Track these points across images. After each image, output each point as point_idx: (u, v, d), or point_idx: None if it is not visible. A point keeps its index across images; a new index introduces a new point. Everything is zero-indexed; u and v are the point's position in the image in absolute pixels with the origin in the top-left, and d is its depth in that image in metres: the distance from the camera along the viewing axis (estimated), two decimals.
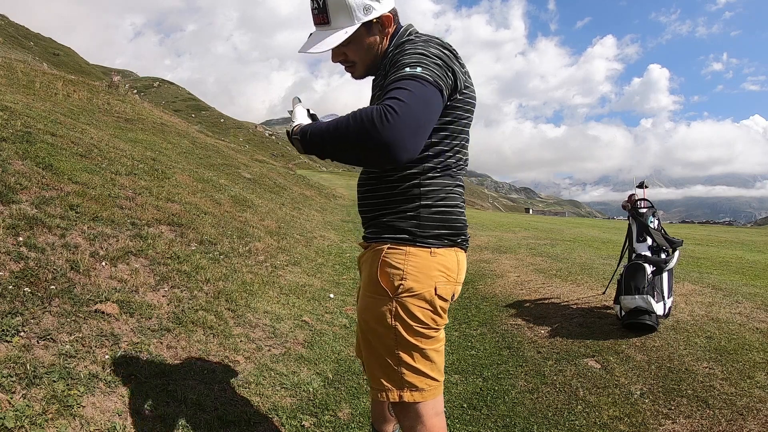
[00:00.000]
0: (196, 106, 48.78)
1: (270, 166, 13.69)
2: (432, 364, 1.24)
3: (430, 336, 1.23)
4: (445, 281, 1.22)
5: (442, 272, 1.21)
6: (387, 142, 0.96)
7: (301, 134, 1.15)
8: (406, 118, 0.96)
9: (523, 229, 10.18)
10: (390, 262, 1.20)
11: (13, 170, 2.97)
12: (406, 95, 0.99)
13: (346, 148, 1.04)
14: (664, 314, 3.01)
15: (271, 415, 2.04)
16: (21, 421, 1.46)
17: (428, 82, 1.04)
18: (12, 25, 36.92)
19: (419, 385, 1.23)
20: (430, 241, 1.20)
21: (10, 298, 1.92)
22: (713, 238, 10.13)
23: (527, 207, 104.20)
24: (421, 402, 1.24)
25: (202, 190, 5.44)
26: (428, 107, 1.03)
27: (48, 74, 10.36)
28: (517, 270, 5.18)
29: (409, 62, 1.08)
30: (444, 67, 1.12)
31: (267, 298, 3.34)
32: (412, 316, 1.19)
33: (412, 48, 1.14)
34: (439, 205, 1.21)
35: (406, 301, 1.19)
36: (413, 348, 1.21)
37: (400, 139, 0.96)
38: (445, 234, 1.22)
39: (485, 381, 2.64)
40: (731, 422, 2.01)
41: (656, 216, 3.43)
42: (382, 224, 1.25)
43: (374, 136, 0.96)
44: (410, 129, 0.98)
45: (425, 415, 1.25)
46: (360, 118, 0.99)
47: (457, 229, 1.25)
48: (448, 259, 1.22)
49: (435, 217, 1.21)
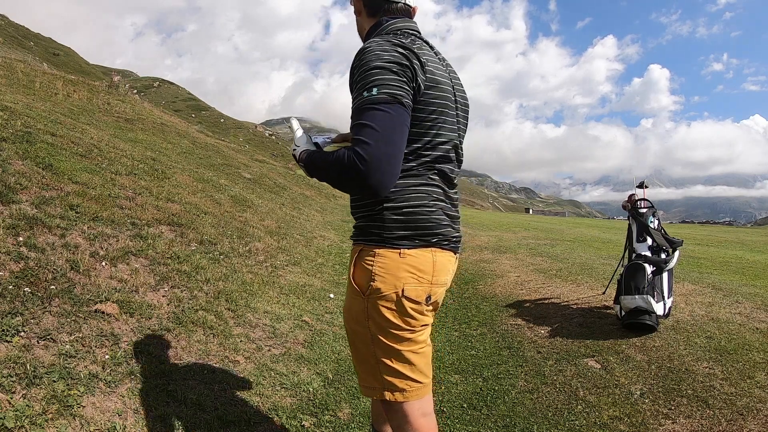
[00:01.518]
0: (196, 106, 48.81)
1: (270, 166, 13.69)
2: (411, 366, 1.23)
3: (405, 338, 1.21)
4: (416, 282, 1.19)
5: (411, 273, 1.19)
6: (367, 185, 1.06)
7: (305, 164, 1.26)
8: (375, 162, 1.04)
9: (523, 229, 10.18)
10: (362, 263, 1.23)
11: (13, 170, 2.97)
12: (370, 134, 1.05)
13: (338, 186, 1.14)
14: (664, 314, 3.01)
15: (271, 415, 2.04)
16: (21, 421, 1.46)
17: (387, 103, 1.07)
18: (12, 25, 36.90)
19: (399, 385, 1.23)
20: (399, 242, 1.19)
21: (10, 298, 1.92)
22: (713, 238, 10.13)
23: (527, 207, 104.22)
24: (405, 402, 1.24)
25: (202, 190, 5.44)
26: (395, 131, 1.08)
27: (48, 74, 10.36)
28: (517, 270, 5.18)
29: (365, 83, 1.11)
30: (401, 74, 1.12)
31: (267, 298, 3.34)
32: (381, 317, 1.20)
33: (366, 58, 1.14)
34: (403, 205, 1.20)
35: (376, 302, 1.20)
36: (388, 349, 1.22)
37: (377, 180, 1.06)
38: (414, 234, 1.20)
39: (485, 381, 2.64)
40: (731, 422, 2.01)
41: (656, 216, 3.43)
42: (358, 227, 1.28)
43: (356, 181, 1.07)
44: (383, 167, 1.05)
45: (411, 415, 1.25)
46: (340, 164, 1.08)
47: (428, 228, 1.21)
48: (420, 260, 1.20)
49: (399, 218, 1.20)
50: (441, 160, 1.24)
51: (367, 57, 1.13)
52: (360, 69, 1.14)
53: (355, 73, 1.16)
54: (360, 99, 1.10)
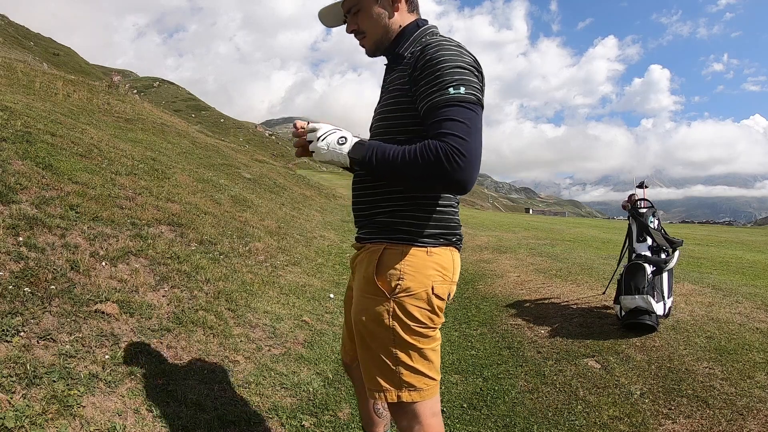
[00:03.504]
0: (196, 106, 48.79)
1: (270, 166, 13.69)
2: (429, 364, 1.25)
3: (428, 335, 1.23)
4: (442, 280, 1.22)
5: (438, 271, 1.21)
6: (458, 181, 1.03)
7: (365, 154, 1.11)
8: (472, 158, 1.03)
9: (523, 229, 10.18)
10: (387, 263, 1.21)
11: (13, 170, 2.97)
12: (465, 131, 1.04)
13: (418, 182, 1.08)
14: (664, 314, 3.01)
15: (271, 415, 2.04)
16: (21, 421, 1.46)
17: (475, 104, 1.08)
18: (12, 25, 36.90)
19: (417, 384, 1.23)
20: (427, 241, 1.21)
21: (10, 298, 1.92)
22: (713, 238, 10.13)
23: (527, 207, 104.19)
24: (419, 402, 1.24)
25: (202, 190, 5.44)
26: (480, 132, 1.08)
27: (48, 74, 10.36)
28: (517, 270, 5.18)
29: (450, 80, 1.08)
30: (479, 78, 1.13)
31: (267, 298, 3.34)
32: (410, 316, 1.20)
33: (447, 55, 1.10)
34: (436, 204, 1.22)
35: (404, 301, 1.19)
36: (411, 347, 1.21)
37: (469, 177, 1.04)
38: (441, 233, 1.23)
39: (485, 381, 2.64)
40: (731, 422, 2.01)
41: (656, 216, 3.43)
42: (379, 224, 1.26)
43: (446, 177, 1.03)
44: (476, 165, 1.05)
45: (422, 414, 1.25)
46: (428, 158, 1.03)
47: (452, 228, 1.25)
48: (444, 258, 1.23)
49: (432, 217, 1.22)
50: None
51: (447, 55, 1.11)
52: (440, 65, 1.10)
53: (428, 66, 1.11)
54: (447, 95, 1.07)
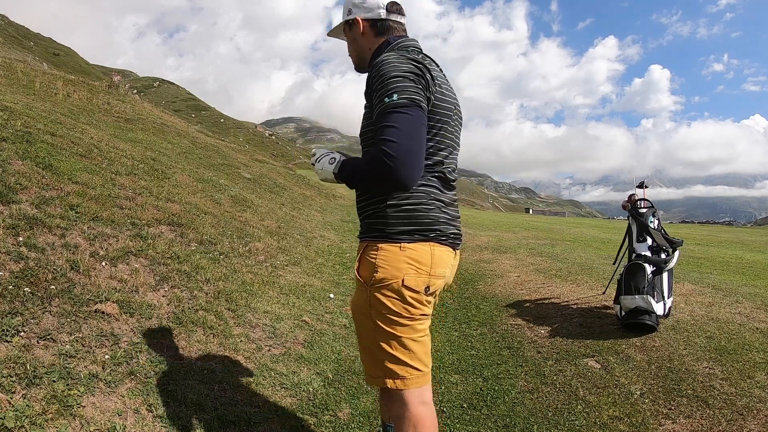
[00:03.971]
0: (196, 106, 48.78)
1: (270, 166, 13.69)
2: (410, 353, 1.33)
3: (404, 324, 1.32)
4: (416, 273, 1.31)
5: (411, 265, 1.30)
6: (395, 180, 1.18)
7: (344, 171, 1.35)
8: (401, 157, 1.17)
9: (523, 229, 10.18)
10: (367, 257, 1.35)
11: (13, 170, 2.97)
12: (395, 134, 1.18)
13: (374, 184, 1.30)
14: (664, 314, 3.01)
15: (271, 415, 2.04)
16: (21, 421, 1.46)
17: (406, 106, 1.21)
18: (12, 25, 36.90)
19: (400, 372, 1.33)
20: (400, 237, 1.32)
21: (10, 298, 1.92)
22: (713, 238, 10.13)
23: (527, 207, 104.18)
24: (405, 390, 1.33)
25: (202, 190, 5.44)
26: (415, 130, 1.21)
27: (48, 74, 10.37)
28: (517, 270, 5.18)
29: (385, 90, 1.23)
30: (417, 82, 1.25)
31: (267, 298, 3.34)
32: (382, 305, 1.31)
33: (385, 69, 1.26)
34: (404, 203, 1.33)
35: (378, 291, 1.31)
36: (390, 336, 1.32)
37: (404, 175, 1.18)
38: (414, 230, 1.32)
39: (485, 381, 2.64)
40: (731, 422, 2.01)
41: (656, 216, 3.42)
42: (364, 224, 1.41)
43: (384, 178, 1.19)
44: (408, 161, 1.18)
45: (411, 403, 1.33)
46: (371, 164, 1.22)
47: (427, 224, 1.33)
48: (419, 253, 1.32)
49: (403, 215, 1.33)
50: (440, 164, 1.37)
51: (386, 68, 1.26)
52: (379, 79, 1.26)
53: (374, 83, 1.28)
54: (382, 105, 1.23)
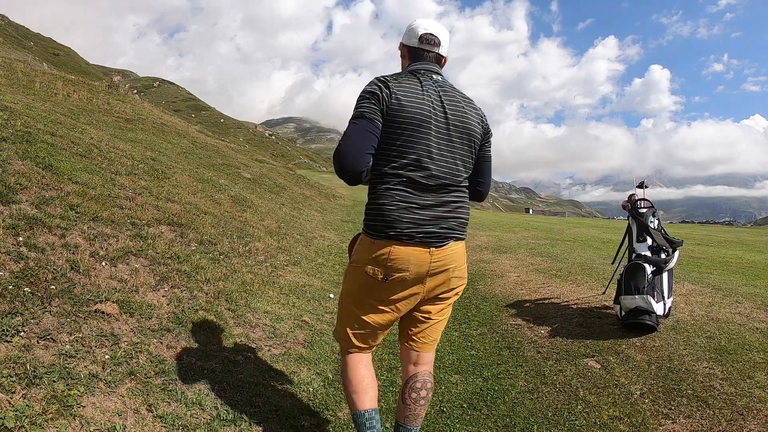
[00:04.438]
0: (196, 106, 48.80)
1: (270, 166, 13.69)
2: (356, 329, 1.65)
3: (360, 303, 1.63)
4: (374, 263, 1.55)
5: (373, 257, 1.55)
6: (339, 169, 1.49)
7: None
8: (341, 156, 1.47)
9: (523, 229, 10.18)
10: (357, 242, 1.68)
11: (13, 170, 2.97)
12: (343, 137, 1.51)
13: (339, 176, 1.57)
14: (664, 314, 3.01)
15: (271, 415, 2.04)
16: (21, 421, 1.46)
17: (356, 118, 1.50)
18: (12, 25, 36.90)
19: (338, 336, 1.73)
20: (370, 233, 1.56)
21: (10, 298, 1.92)
22: (713, 238, 10.13)
23: (527, 207, 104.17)
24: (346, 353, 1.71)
25: (202, 190, 5.44)
26: (357, 133, 1.48)
27: (48, 74, 10.37)
28: (517, 270, 5.18)
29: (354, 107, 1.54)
30: (370, 98, 1.50)
31: (267, 298, 3.34)
32: (349, 279, 1.67)
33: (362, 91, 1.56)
34: (372, 204, 1.56)
35: (350, 268, 1.67)
36: (347, 306, 1.69)
37: (345, 170, 1.48)
38: (377, 227, 1.54)
39: (485, 381, 2.64)
40: (731, 422, 2.01)
41: (656, 216, 3.42)
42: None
43: (336, 169, 1.50)
44: (348, 156, 1.47)
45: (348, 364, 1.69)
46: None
47: (387, 223, 1.51)
48: (377, 247, 1.54)
49: (369, 213, 1.57)
50: (409, 168, 1.52)
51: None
52: None
53: None
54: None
